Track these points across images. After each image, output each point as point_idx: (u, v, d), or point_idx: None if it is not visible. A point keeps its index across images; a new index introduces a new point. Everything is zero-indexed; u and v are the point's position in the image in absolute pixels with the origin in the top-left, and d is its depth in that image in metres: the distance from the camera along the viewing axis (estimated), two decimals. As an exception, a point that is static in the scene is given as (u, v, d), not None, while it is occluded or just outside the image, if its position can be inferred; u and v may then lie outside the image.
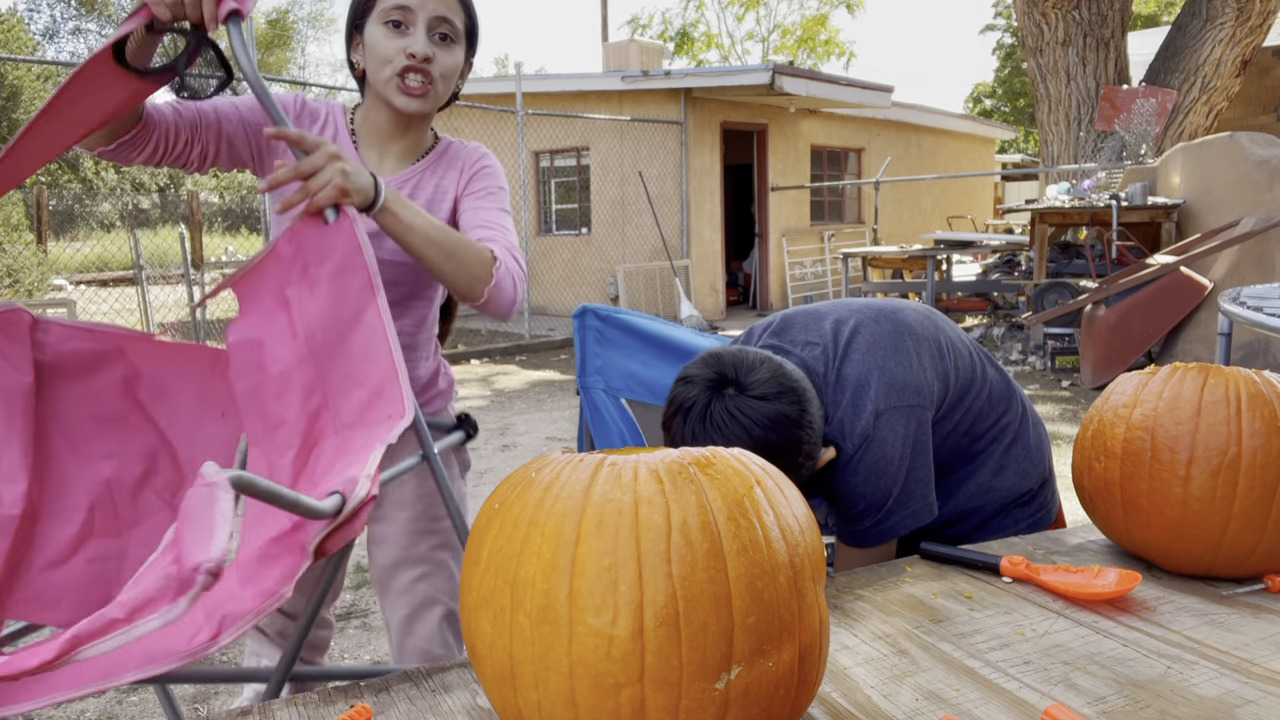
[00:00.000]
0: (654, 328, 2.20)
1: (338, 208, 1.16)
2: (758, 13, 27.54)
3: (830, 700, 0.96)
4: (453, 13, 1.41)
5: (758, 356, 1.29)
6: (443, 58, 1.42)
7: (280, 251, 1.17)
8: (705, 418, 1.24)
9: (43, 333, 1.05)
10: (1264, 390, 1.18)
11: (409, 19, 1.38)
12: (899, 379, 1.38)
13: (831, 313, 1.48)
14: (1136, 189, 7.61)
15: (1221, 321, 3.41)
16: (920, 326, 1.46)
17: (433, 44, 1.40)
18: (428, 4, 1.39)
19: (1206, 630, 1.09)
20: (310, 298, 1.11)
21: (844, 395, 1.38)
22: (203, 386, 1.13)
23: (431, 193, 1.51)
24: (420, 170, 1.52)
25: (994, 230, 15.37)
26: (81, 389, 1.07)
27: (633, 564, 0.74)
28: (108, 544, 1.08)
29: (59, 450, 1.06)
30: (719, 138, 12.07)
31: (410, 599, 1.59)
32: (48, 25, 28.87)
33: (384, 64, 1.40)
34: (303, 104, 1.53)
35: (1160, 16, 24.26)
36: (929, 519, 1.43)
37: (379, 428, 1.03)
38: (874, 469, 1.36)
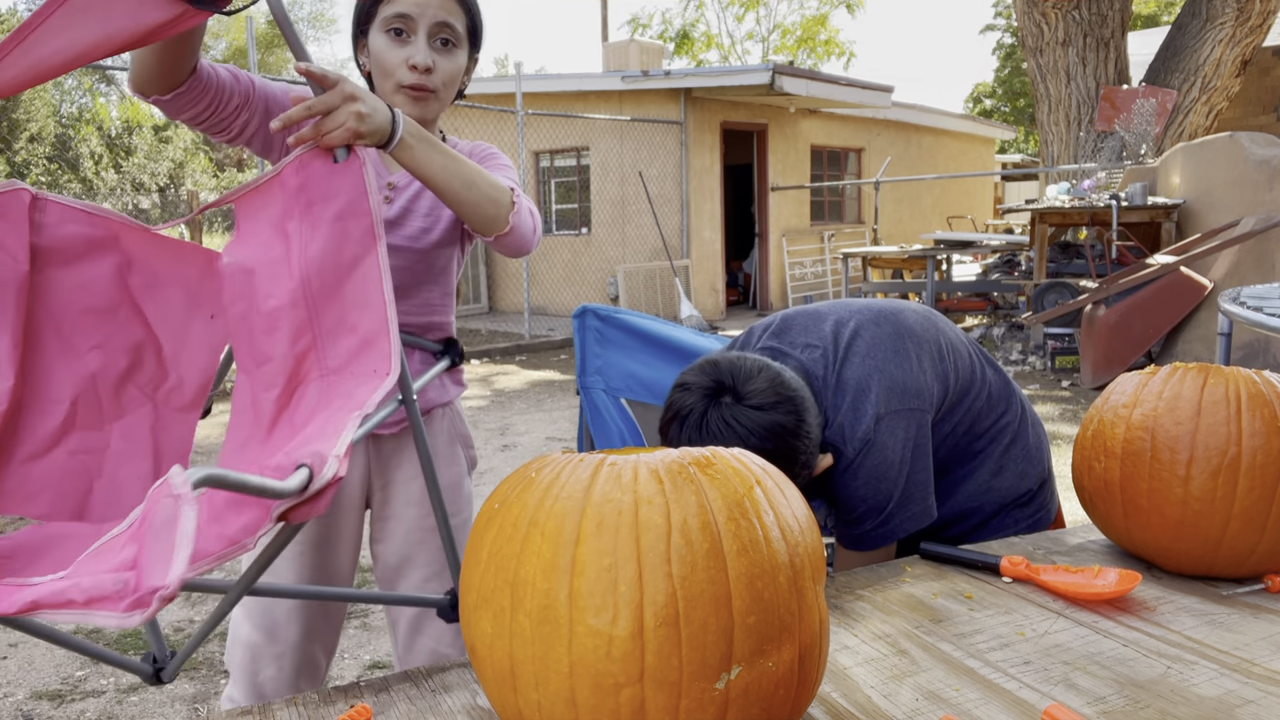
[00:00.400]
0: (654, 328, 2.20)
1: (350, 148, 1.13)
2: (758, 13, 27.53)
3: (830, 700, 0.96)
4: (453, 17, 1.42)
5: (755, 364, 1.29)
6: (444, 64, 1.42)
7: (285, 179, 1.13)
8: (701, 426, 1.24)
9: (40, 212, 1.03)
10: (1264, 390, 1.18)
11: (410, 27, 1.39)
12: (899, 382, 1.38)
13: (831, 314, 1.48)
14: (1136, 189, 7.61)
15: (1221, 321, 3.41)
16: (920, 328, 1.46)
17: (434, 50, 1.41)
18: (428, 11, 1.39)
19: (1206, 630, 1.09)
20: (311, 238, 1.09)
21: (844, 399, 1.37)
22: (195, 286, 1.11)
23: None
24: None
25: (994, 230, 15.37)
26: (75, 277, 1.05)
27: (633, 564, 0.74)
28: (89, 436, 1.08)
29: (47, 341, 1.05)
30: (719, 138, 12.07)
31: None
32: (48, 25, 28.78)
33: (387, 75, 1.40)
34: None
35: (1160, 16, 24.26)
36: (928, 521, 1.43)
37: (363, 384, 1.02)
38: (874, 473, 1.36)
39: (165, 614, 3.22)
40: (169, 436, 1.12)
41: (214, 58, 30.12)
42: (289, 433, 1.05)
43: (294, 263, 1.08)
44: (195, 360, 1.12)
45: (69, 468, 1.07)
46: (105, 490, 1.08)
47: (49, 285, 1.05)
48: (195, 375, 1.13)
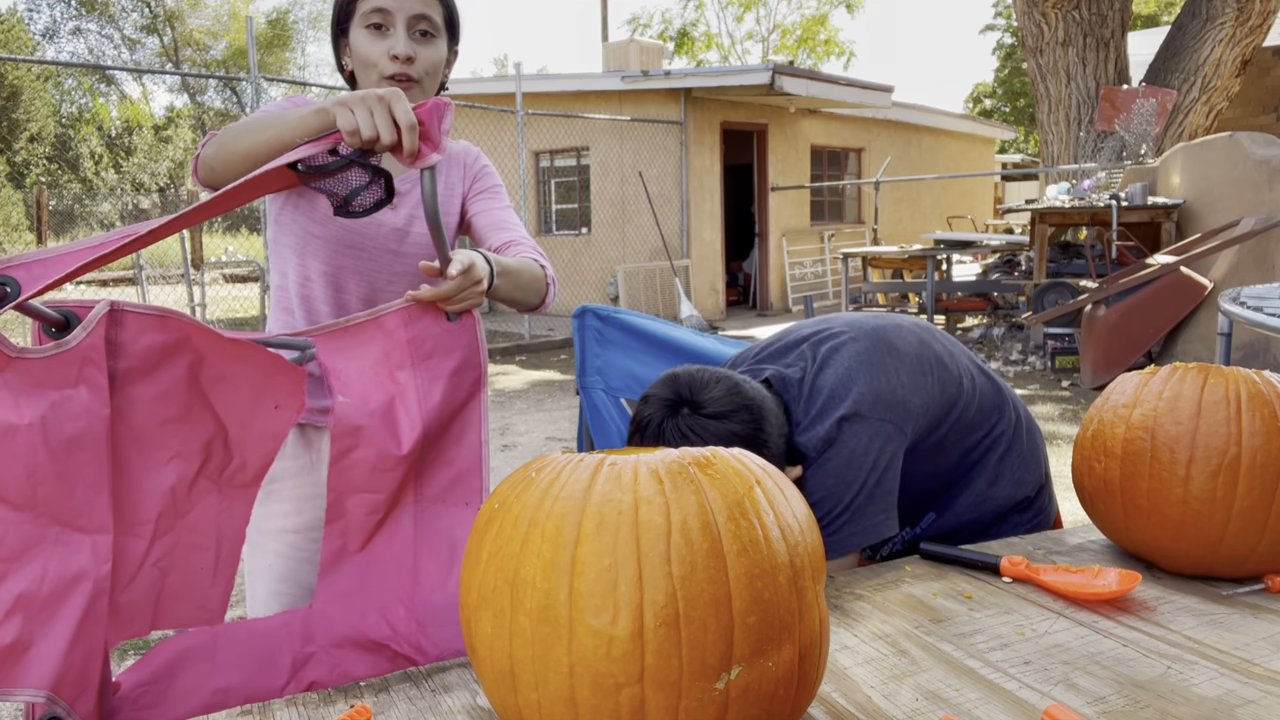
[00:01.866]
0: (654, 328, 2.20)
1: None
2: (757, 13, 27.56)
3: (830, 700, 0.96)
4: (429, 8, 1.43)
5: (714, 375, 1.30)
6: (425, 54, 1.44)
7: (388, 327, 1.21)
8: (659, 436, 1.25)
9: (117, 328, 1.03)
10: (1264, 390, 1.18)
11: (388, 20, 1.41)
12: (872, 391, 1.36)
13: (815, 328, 1.50)
14: (1136, 189, 7.61)
15: (1221, 321, 3.42)
16: (903, 344, 1.44)
17: (414, 41, 1.43)
18: (405, 3, 1.41)
19: (1206, 630, 1.09)
20: (429, 390, 1.20)
21: (815, 404, 1.38)
22: (261, 380, 1.14)
23: (442, 188, 1.54)
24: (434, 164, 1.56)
25: (994, 230, 15.37)
26: (153, 388, 1.06)
27: (633, 564, 0.74)
28: (166, 541, 1.09)
29: (131, 462, 1.05)
30: (719, 138, 12.07)
31: None
32: (48, 25, 28.89)
33: (369, 67, 1.43)
34: None
35: (1160, 16, 24.26)
36: (888, 534, 1.39)
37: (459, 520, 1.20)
38: (833, 472, 1.34)
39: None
40: (229, 516, 1.15)
41: (213, 57, 30.15)
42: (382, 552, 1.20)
43: (414, 412, 1.19)
44: (259, 444, 1.15)
45: (152, 579, 1.08)
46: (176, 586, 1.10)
47: (129, 404, 1.05)
48: (258, 457, 1.16)
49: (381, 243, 1.51)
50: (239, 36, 29.29)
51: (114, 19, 29.10)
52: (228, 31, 29.88)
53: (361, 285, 1.52)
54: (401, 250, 1.52)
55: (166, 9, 29.11)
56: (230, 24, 29.79)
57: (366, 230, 1.50)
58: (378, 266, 1.52)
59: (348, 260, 1.51)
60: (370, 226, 1.50)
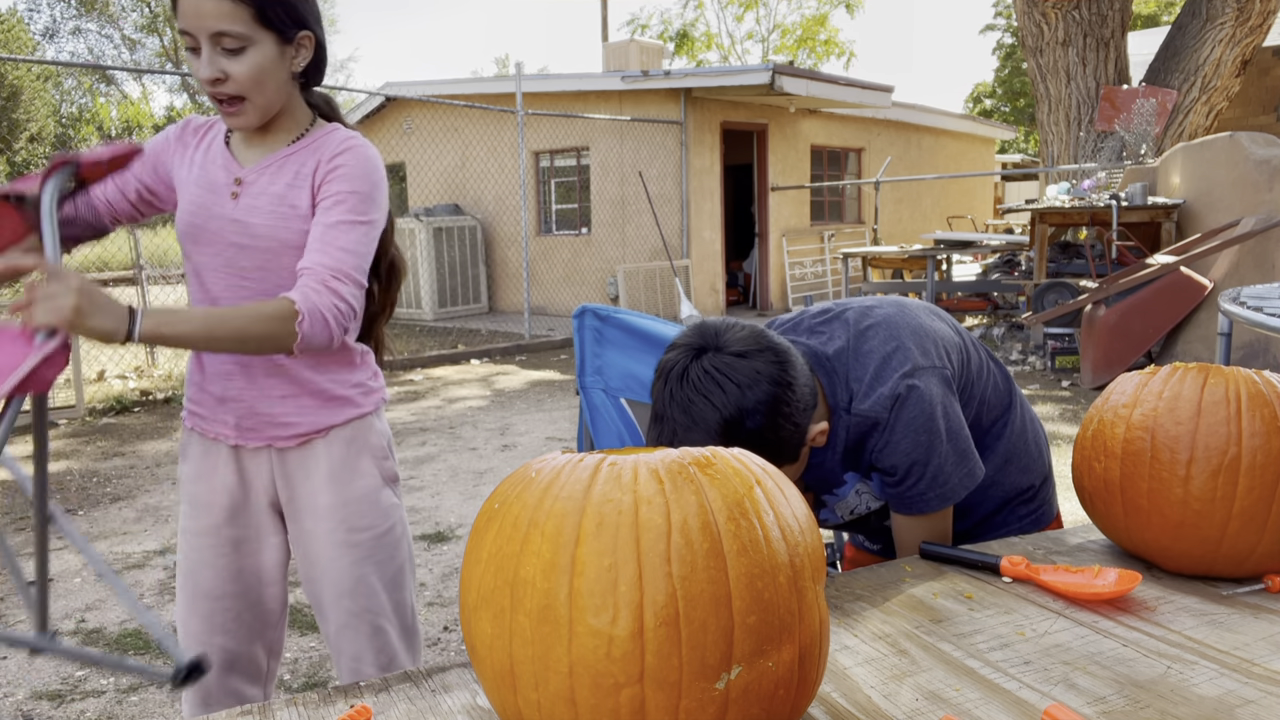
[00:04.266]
0: (654, 328, 2.20)
1: (54, 332, 1.19)
2: (757, 13, 27.56)
3: (830, 700, 0.96)
4: (229, 21, 1.36)
5: (740, 322, 1.29)
6: (236, 68, 1.38)
7: None
8: (683, 378, 1.23)
9: None
10: (1264, 390, 1.18)
11: (194, 42, 1.38)
12: (923, 346, 1.39)
13: (838, 307, 1.50)
14: (1136, 189, 7.61)
15: (1221, 321, 3.42)
16: (926, 315, 1.48)
17: (220, 57, 1.38)
18: (203, 23, 1.36)
19: (1206, 630, 1.09)
20: None
21: (867, 369, 1.37)
22: None
23: (291, 178, 1.50)
24: (283, 156, 1.51)
25: (994, 230, 15.37)
26: None
27: (633, 564, 0.74)
28: None
29: None
30: (719, 138, 12.07)
31: (337, 614, 1.59)
32: (48, 25, 28.87)
33: (203, 88, 1.42)
34: (184, 127, 1.60)
35: (1160, 16, 24.26)
36: (981, 476, 1.42)
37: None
38: (915, 424, 1.34)
39: (166, 614, 3.22)
40: None
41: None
42: None
43: None
44: None
45: None
46: None
47: None
48: None
49: (223, 235, 1.49)
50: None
51: (114, 19, 29.08)
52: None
53: (219, 280, 1.51)
54: (246, 243, 1.49)
55: (166, 9, 29.08)
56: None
57: (208, 224, 1.50)
58: (226, 260, 1.50)
59: (200, 256, 1.52)
60: (212, 220, 1.49)
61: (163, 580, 3.55)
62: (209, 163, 1.54)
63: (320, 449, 1.57)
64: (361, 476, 1.59)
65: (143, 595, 3.41)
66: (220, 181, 1.52)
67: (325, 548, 1.57)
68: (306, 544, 1.59)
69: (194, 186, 1.53)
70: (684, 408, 1.21)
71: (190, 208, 1.52)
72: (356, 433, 1.59)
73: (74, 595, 3.42)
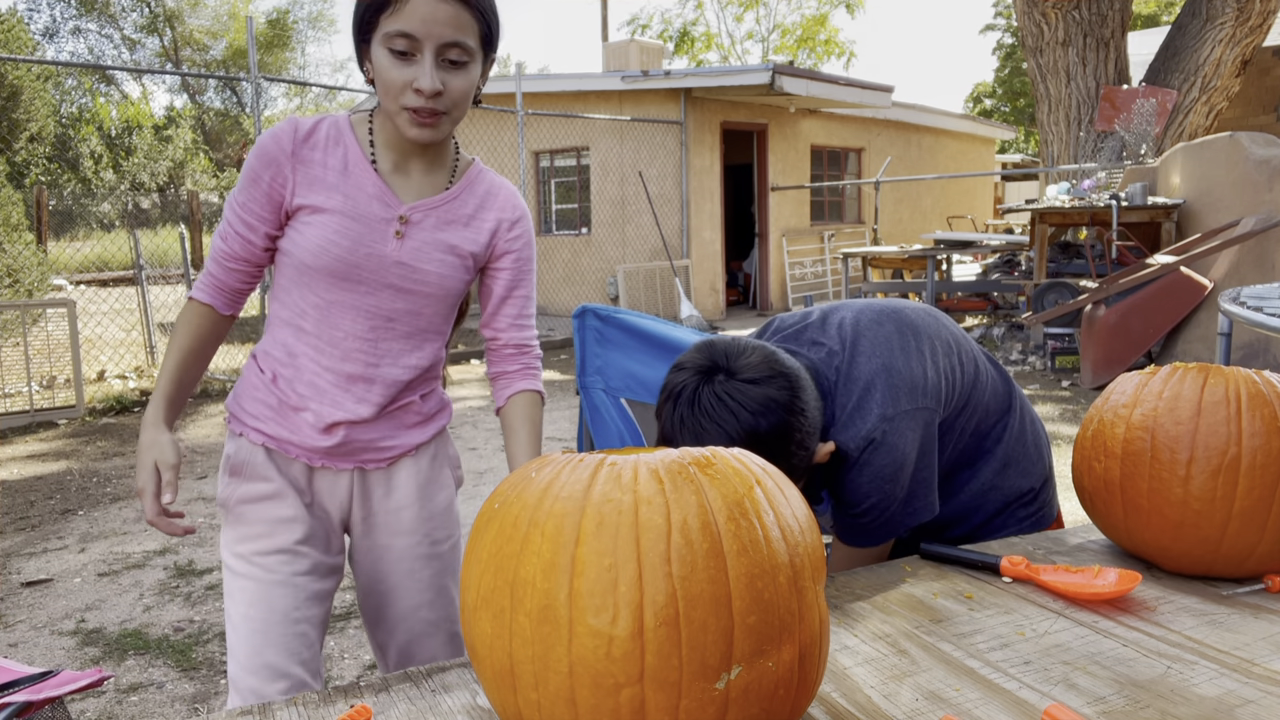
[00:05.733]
0: (653, 328, 2.20)
1: None
2: (757, 12, 27.56)
3: (830, 700, 0.96)
4: (464, 33, 1.27)
5: (750, 344, 1.28)
6: (455, 84, 1.29)
7: None
8: (694, 403, 1.22)
9: None
10: (1264, 390, 1.18)
11: (414, 48, 1.25)
12: (906, 380, 1.37)
13: (835, 314, 1.48)
14: (1136, 189, 7.60)
15: (1221, 321, 3.42)
16: (923, 323, 1.46)
17: (443, 71, 1.27)
18: (434, 30, 1.24)
19: (1206, 630, 1.09)
20: None
21: (851, 397, 1.37)
22: None
23: (462, 228, 1.43)
24: (448, 199, 1.43)
25: (994, 230, 15.37)
26: None
27: (633, 564, 0.74)
28: None
29: None
30: (719, 138, 12.07)
31: (410, 625, 1.54)
32: (48, 25, 28.88)
33: (391, 96, 1.29)
34: (297, 132, 1.38)
35: (1160, 16, 24.26)
36: (929, 517, 1.43)
37: None
38: (882, 473, 1.35)
39: (166, 614, 3.22)
40: None
41: (213, 57, 30.14)
42: None
43: None
44: None
45: None
46: None
47: None
48: None
49: (381, 275, 1.38)
50: (239, 36, 29.28)
51: (114, 19, 29.08)
52: (227, 31, 29.88)
53: (360, 321, 1.40)
54: (408, 288, 1.40)
55: (166, 9, 29.11)
56: (230, 24, 29.78)
57: (364, 262, 1.37)
58: (376, 303, 1.40)
59: (341, 293, 1.38)
60: (370, 259, 1.37)
61: (163, 580, 3.55)
62: (354, 188, 1.37)
63: (407, 466, 1.52)
64: (443, 489, 1.57)
65: (143, 595, 3.41)
66: (377, 215, 1.37)
67: (405, 561, 1.52)
68: (380, 558, 1.53)
69: (340, 216, 1.36)
70: (695, 434, 1.21)
71: (338, 239, 1.35)
72: (439, 446, 1.58)
73: (74, 595, 3.42)
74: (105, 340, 8.64)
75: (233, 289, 1.43)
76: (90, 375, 7.67)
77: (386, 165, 1.40)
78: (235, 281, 1.42)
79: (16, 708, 0.98)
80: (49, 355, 7.10)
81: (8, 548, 4.00)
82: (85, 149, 22.14)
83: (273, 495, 1.45)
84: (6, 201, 8.72)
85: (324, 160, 1.37)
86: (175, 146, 24.11)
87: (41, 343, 7.11)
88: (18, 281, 8.37)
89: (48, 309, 7.18)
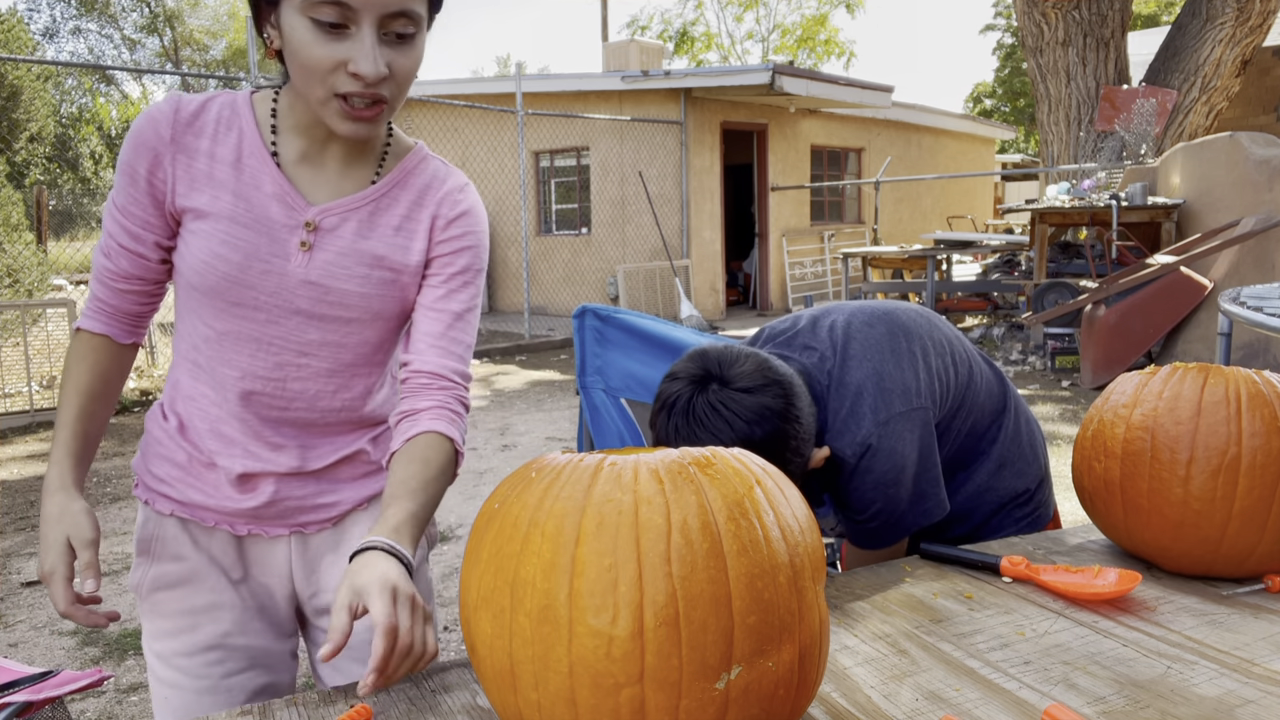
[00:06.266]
0: (653, 328, 2.20)
1: None
2: (757, 12, 27.57)
3: (830, 700, 0.96)
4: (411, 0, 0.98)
5: (743, 352, 1.28)
6: (401, 65, 1.01)
7: None
8: (689, 413, 1.22)
9: None
10: (1264, 390, 1.18)
11: (349, 18, 0.96)
12: (898, 383, 1.37)
13: (825, 317, 1.47)
14: (1136, 189, 7.61)
15: (1221, 321, 3.42)
16: (915, 325, 1.46)
17: (386, 47, 0.99)
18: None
19: (1206, 630, 1.09)
20: None
21: (844, 402, 1.37)
22: None
23: (391, 233, 1.13)
24: (374, 197, 1.13)
25: (994, 230, 15.37)
26: None
27: (633, 564, 0.74)
28: None
29: None
30: (719, 138, 12.07)
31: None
32: (48, 25, 28.90)
33: (314, 79, 0.99)
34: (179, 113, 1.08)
35: (1160, 16, 24.26)
36: (942, 514, 1.42)
37: None
38: (884, 479, 1.35)
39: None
40: None
41: (213, 57, 30.14)
42: None
43: None
44: None
45: None
46: None
47: None
48: None
49: (284, 299, 1.09)
50: (239, 36, 29.28)
51: (114, 19, 29.09)
52: (227, 31, 29.88)
53: (262, 358, 1.10)
54: (322, 312, 1.10)
55: (166, 9, 29.11)
56: (230, 24, 29.79)
57: (259, 282, 1.07)
58: (281, 333, 1.10)
59: (234, 321, 1.09)
60: (267, 277, 1.07)
61: (163, 580, 3.55)
62: (248, 185, 1.08)
63: (361, 522, 1.23)
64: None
65: (143, 595, 3.41)
66: (277, 221, 1.08)
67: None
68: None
69: (228, 223, 1.07)
70: (690, 443, 1.21)
71: (225, 253, 1.06)
72: None
73: (74, 595, 3.42)
74: (105, 340, 8.62)
75: (128, 313, 1.15)
76: (90, 375, 7.65)
77: (291, 154, 1.10)
78: (129, 305, 1.14)
79: (16, 708, 0.97)
80: (49, 355, 7.10)
81: (8, 548, 4.00)
82: (85, 149, 22.15)
83: (188, 578, 1.18)
84: (6, 201, 8.72)
85: (211, 150, 1.08)
86: (175, 146, 24.08)
87: (41, 343, 7.11)
88: (18, 281, 8.37)
89: (48, 309, 7.18)
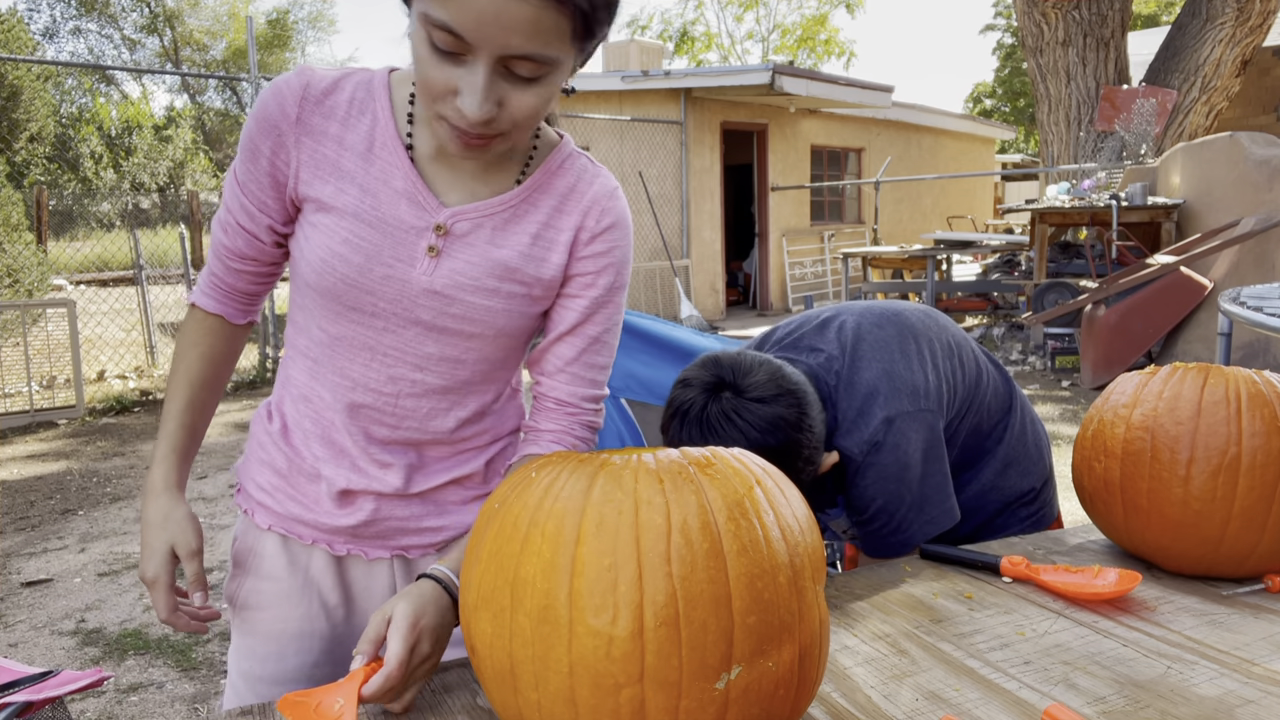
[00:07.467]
0: (653, 328, 2.20)
1: None
2: (757, 12, 27.58)
3: (830, 700, 0.96)
4: (542, 41, 0.83)
5: (756, 359, 1.28)
6: (520, 103, 0.87)
7: None
8: (702, 421, 1.22)
9: None
10: (1264, 390, 1.18)
11: (463, 49, 0.83)
12: (907, 384, 1.37)
13: (835, 318, 1.47)
14: (1136, 189, 7.61)
15: (1221, 321, 3.42)
16: (923, 326, 1.46)
17: (504, 84, 0.86)
18: (495, 36, 0.81)
19: (1206, 630, 1.09)
20: None
21: (854, 403, 1.36)
22: None
23: (528, 241, 1.02)
24: (512, 202, 1.02)
25: (994, 230, 15.37)
26: None
27: (633, 564, 0.74)
28: None
29: None
30: (719, 138, 12.07)
31: None
32: (48, 25, 28.90)
33: (426, 95, 0.89)
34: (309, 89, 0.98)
35: (1160, 16, 24.26)
36: (951, 523, 1.41)
37: None
38: (885, 473, 1.34)
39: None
40: None
41: (213, 57, 30.14)
42: None
43: None
44: None
45: None
46: None
47: None
48: None
49: (404, 307, 1.00)
50: (239, 36, 29.29)
51: (114, 19, 29.10)
52: (227, 31, 29.88)
53: (376, 369, 1.03)
54: (444, 325, 1.02)
55: (166, 9, 29.11)
56: (230, 24, 29.79)
57: (379, 287, 0.99)
58: (399, 343, 1.02)
59: (348, 326, 1.02)
60: (388, 283, 0.99)
61: (163, 580, 3.55)
62: (377, 180, 0.99)
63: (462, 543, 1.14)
64: None
65: (143, 595, 3.41)
66: (405, 222, 0.99)
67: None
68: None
69: (353, 220, 0.98)
70: None
71: (346, 253, 0.98)
72: None
73: (74, 595, 3.42)
74: (105, 340, 8.64)
75: (244, 292, 1.09)
76: (90, 375, 7.67)
77: (427, 148, 1.00)
78: (245, 284, 1.08)
79: (16, 708, 0.96)
80: (49, 355, 7.10)
81: (8, 548, 4.00)
82: (85, 149, 22.15)
83: (282, 600, 1.11)
84: (6, 201, 8.72)
85: (341, 135, 0.99)
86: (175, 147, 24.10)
87: (41, 343, 7.11)
88: (18, 281, 8.37)
89: (48, 309, 7.18)
